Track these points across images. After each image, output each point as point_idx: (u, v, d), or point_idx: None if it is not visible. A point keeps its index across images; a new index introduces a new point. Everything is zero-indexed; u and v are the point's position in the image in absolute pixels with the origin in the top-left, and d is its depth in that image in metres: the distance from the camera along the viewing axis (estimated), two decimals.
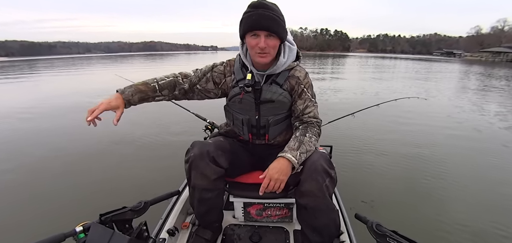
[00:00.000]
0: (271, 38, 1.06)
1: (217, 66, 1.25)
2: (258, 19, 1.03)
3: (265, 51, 1.07)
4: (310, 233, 1.21)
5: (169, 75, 1.23)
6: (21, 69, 22.06)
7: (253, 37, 1.06)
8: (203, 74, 1.25)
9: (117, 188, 2.67)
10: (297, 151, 1.07)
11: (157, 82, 1.18)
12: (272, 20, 1.03)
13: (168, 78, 1.21)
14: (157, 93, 1.19)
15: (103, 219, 1.05)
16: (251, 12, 1.03)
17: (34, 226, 2.10)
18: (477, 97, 7.96)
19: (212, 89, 1.26)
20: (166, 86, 1.20)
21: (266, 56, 1.09)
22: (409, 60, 42.90)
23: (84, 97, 7.77)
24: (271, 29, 1.04)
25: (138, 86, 1.14)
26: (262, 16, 1.02)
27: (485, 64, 32.60)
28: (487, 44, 72.89)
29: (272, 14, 1.03)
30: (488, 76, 15.86)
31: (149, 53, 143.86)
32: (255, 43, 1.06)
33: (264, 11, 1.02)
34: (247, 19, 1.05)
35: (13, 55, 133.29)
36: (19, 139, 4.23)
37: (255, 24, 1.04)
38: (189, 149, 1.19)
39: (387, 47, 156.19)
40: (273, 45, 1.08)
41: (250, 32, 1.06)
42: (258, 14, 1.02)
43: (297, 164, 1.06)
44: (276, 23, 1.05)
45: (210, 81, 1.25)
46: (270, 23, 1.03)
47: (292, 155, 1.05)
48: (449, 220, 2.17)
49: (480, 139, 4.18)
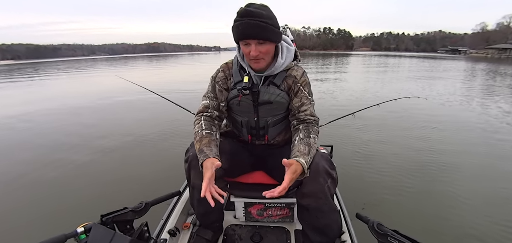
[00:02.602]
0: (262, 45, 1.05)
1: (217, 75, 1.24)
2: (246, 29, 1.01)
3: (258, 57, 1.06)
4: (311, 233, 1.22)
5: (202, 123, 1.18)
6: (28, 72, 22.35)
7: (245, 46, 1.06)
8: (213, 91, 1.24)
9: (117, 189, 2.69)
10: (308, 156, 1.05)
11: (210, 134, 1.14)
12: (260, 27, 1.00)
13: (205, 125, 1.17)
14: (216, 136, 1.17)
15: (104, 220, 1.06)
16: (239, 22, 1.01)
17: (34, 227, 2.12)
18: (482, 95, 7.86)
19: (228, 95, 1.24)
20: (211, 127, 1.18)
21: (260, 62, 1.09)
22: (414, 58, 42.52)
23: (88, 98, 7.85)
24: (260, 37, 1.02)
25: (207, 146, 1.09)
26: (248, 25, 1.00)
27: (491, 61, 32.10)
28: (493, 41, 72.04)
29: (259, 21, 1.00)
30: (495, 72, 15.64)
31: (152, 54, 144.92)
32: (247, 51, 1.06)
33: (250, 20, 0.99)
34: (235, 29, 1.04)
35: (19, 58, 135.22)
36: (18, 140, 4.29)
37: (243, 34, 1.03)
38: (189, 148, 1.20)
39: (391, 45, 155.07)
40: (266, 51, 1.06)
41: (240, 41, 1.06)
42: (244, 24, 1.00)
43: (307, 170, 1.03)
44: (264, 30, 1.01)
45: (222, 91, 1.23)
46: (258, 31, 1.01)
47: (305, 161, 1.02)
48: (451, 220, 2.15)
49: (483, 139, 4.12)
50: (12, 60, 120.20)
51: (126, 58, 68.94)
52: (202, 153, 1.06)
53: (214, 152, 1.08)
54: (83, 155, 3.55)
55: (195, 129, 1.17)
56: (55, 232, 0.91)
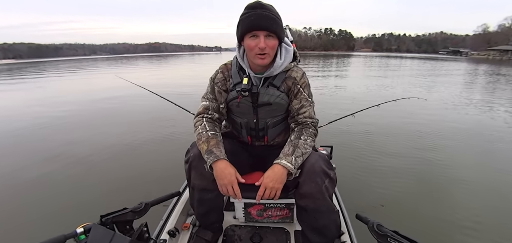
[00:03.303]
0: (270, 38, 1.05)
1: (216, 76, 1.23)
2: (257, 19, 1.02)
3: (265, 51, 1.06)
4: (310, 234, 1.21)
5: (205, 124, 1.17)
6: (29, 72, 22.40)
7: (252, 39, 1.05)
8: (212, 93, 1.23)
9: (117, 189, 2.69)
10: (292, 156, 1.05)
11: (216, 135, 1.15)
12: (271, 19, 1.03)
13: (208, 126, 1.17)
14: (220, 137, 1.17)
15: (103, 220, 1.06)
16: (250, 13, 1.03)
17: (34, 227, 2.12)
18: (483, 96, 7.84)
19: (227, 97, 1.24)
20: (215, 128, 1.18)
21: (265, 57, 1.08)
22: (415, 59, 42.45)
23: (88, 98, 7.87)
24: (270, 29, 1.03)
25: (215, 146, 1.10)
26: (261, 16, 1.02)
27: (493, 63, 32.02)
28: (494, 42, 71.71)
29: (270, 14, 1.03)
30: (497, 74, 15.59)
31: (153, 54, 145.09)
32: (254, 44, 1.05)
33: (263, 11, 1.02)
34: (245, 20, 1.04)
35: (21, 58, 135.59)
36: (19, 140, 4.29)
37: (254, 25, 1.03)
38: (189, 149, 1.19)
39: (392, 46, 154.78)
40: (272, 46, 1.07)
41: (249, 33, 1.05)
42: (256, 14, 1.02)
43: (293, 170, 1.04)
44: (275, 23, 1.05)
45: (221, 92, 1.23)
46: (269, 22, 1.03)
47: (287, 161, 1.04)
48: (452, 221, 2.14)
49: (486, 140, 4.11)
50: (14, 59, 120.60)
51: (127, 58, 68.98)
52: (212, 154, 1.06)
53: (224, 154, 1.09)
54: (82, 155, 3.55)
55: (198, 130, 1.16)
56: (55, 233, 0.91)
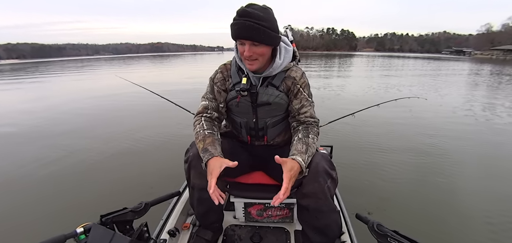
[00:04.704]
0: (257, 46, 1.04)
1: (215, 76, 1.24)
2: (240, 29, 1.01)
3: (252, 58, 1.06)
4: (311, 234, 1.21)
5: (203, 123, 1.17)
6: (32, 72, 22.54)
7: (241, 45, 1.06)
8: (212, 92, 1.24)
9: (117, 189, 2.69)
10: (306, 154, 1.04)
11: (213, 134, 1.14)
12: (254, 30, 0.99)
13: (206, 125, 1.17)
14: (218, 136, 1.18)
15: (103, 220, 1.06)
16: (236, 21, 1.01)
17: (34, 227, 2.13)
18: (485, 97, 7.78)
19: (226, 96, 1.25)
20: (212, 127, 1.18)
21: (253, 63, 1.08)
22: (418, 59, 42.25)
23: (87, 98, 7.91)
24: (254, 39, 1.02)
25: (211, 145, 1.09)
26: (244, 26, 0.99)
27: (496, 63, 31.78)
28: (498, 42, 71.26)
29: (254, 23, 0.98)
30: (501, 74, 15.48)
31: (156, 54, 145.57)
32: (242, 50, 1.06)
33: (246, 20, 0.98)
34: (232, 28, 1.04)
35: (24, 58, 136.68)
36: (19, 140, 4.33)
37: (238, 35, 1.03)
38: (188, 148, 1.20)
39: (395, 46, 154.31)
40: (260, 52, 1.06)
41: (236, 40, 1.07)
42: (240, 23, 1.00)
43: (305, 169, 1.02)
44: (259, 32, 1.00)
45: (220, 92, 1.23)
46: (252, 33, 1.00)
47: (303, 159, 1.01)
48: (451, 221, 2.13)
49: (489, 140, 4.08)
50: (17, 59, 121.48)
51: (129, 58, 69.24)
52: (207, 152, 1.06)
53: (219, 151, 1.08)
54: (82, 155, 3.55)
55: (196, 129, 1.17)
56: (55, 233, 0.91)
